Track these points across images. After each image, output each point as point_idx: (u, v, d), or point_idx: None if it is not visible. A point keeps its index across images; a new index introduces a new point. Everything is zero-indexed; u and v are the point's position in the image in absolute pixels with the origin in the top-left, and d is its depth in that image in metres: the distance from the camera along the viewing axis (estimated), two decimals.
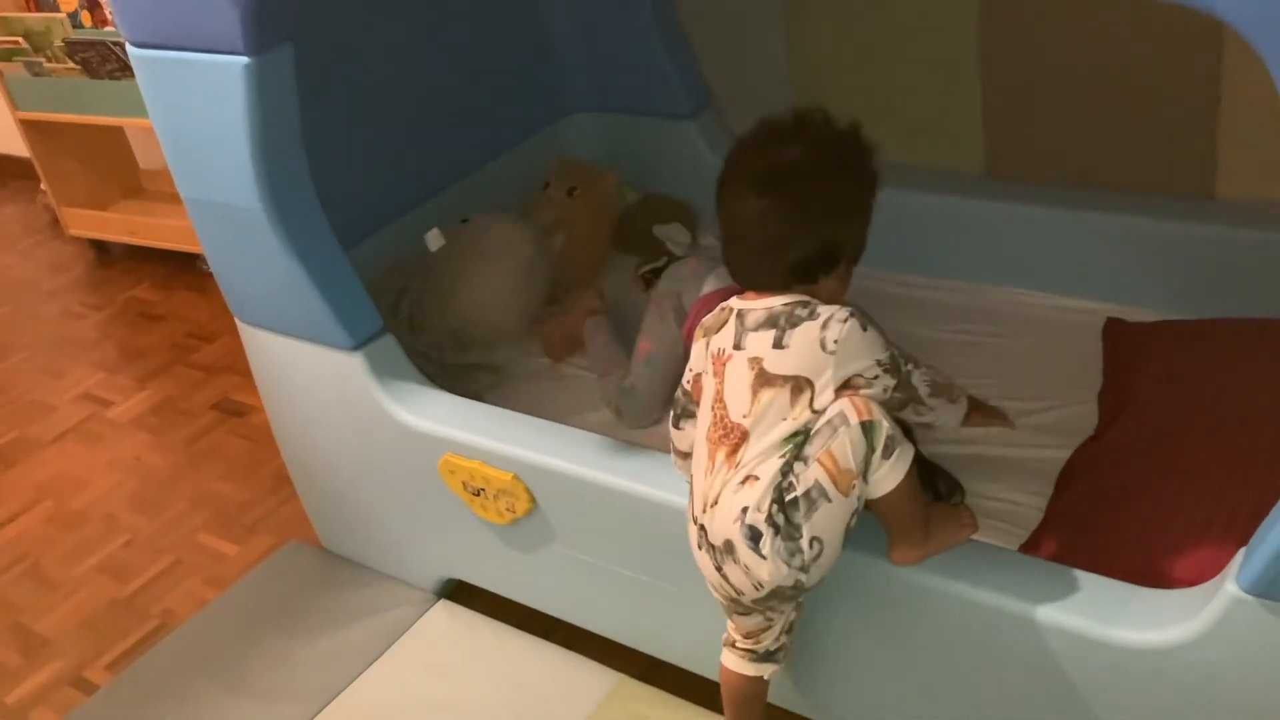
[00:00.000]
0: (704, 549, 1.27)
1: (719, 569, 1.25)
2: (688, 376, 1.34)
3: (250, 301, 1.78)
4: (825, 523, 1.19)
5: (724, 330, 1.26)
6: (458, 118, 2.28)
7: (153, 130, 1.65)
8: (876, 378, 1.22)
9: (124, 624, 2.00)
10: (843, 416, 1.18)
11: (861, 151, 1.25)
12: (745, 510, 1.20)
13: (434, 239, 2.06)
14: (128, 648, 1.95)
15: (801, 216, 1.22)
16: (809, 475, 1.18)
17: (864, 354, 1.20)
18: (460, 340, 2.06)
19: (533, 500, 1.58)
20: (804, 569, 1.20)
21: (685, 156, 2.38)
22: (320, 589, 1.97)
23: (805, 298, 1.23)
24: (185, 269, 3.18)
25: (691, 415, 1.35)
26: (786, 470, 1.19)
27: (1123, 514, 1.47)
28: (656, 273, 2.31)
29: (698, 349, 1.31)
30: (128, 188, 3.43)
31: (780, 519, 1.19)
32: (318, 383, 1.77)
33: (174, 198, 1.71)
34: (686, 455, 1.37)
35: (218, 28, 1.43)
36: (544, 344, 2.12)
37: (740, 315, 1.25)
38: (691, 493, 1.30)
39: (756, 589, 1.23)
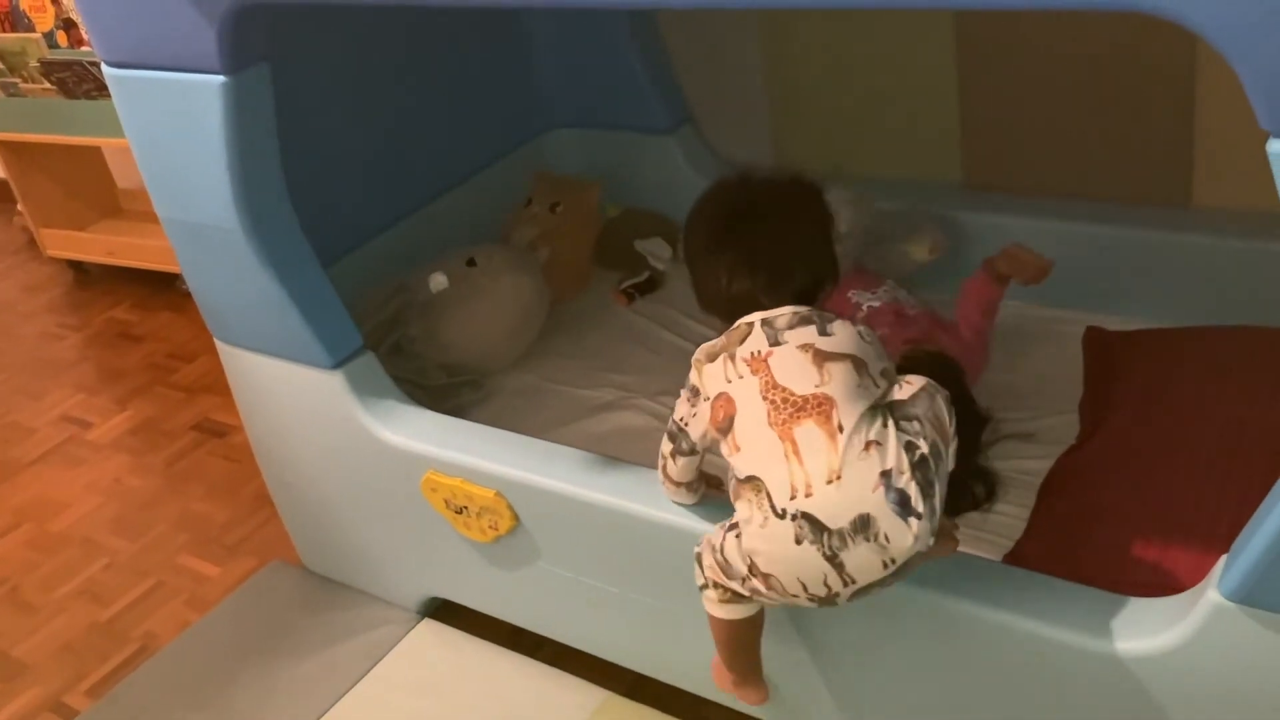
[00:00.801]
0: (808, 542, 1.13)
1: (833, 558, 1.13)
2: (692, 408, 1.27)
3: (229, 321, 1.77)
4: (945, 482, 1.18)
5: (750, 339, 1.22)
6: (438, 134, 2.28)
7: (130, 150, 1.64)
8: (905, 383, 1.23)
9: (104, 648, 1.98)
10: (933, 385, 1.22)
11: (814, 189, 1.35)
12: (887, 475, 1.12)
13: (437, 282, 2.04)
14: (108, 672, 1.93)
15: (794, 247, 1.28)
16: (926, 432, 1.16)
17: (885, 357, 1.24)
18: (449, 370, 2.06)
19: (516, 517, 1.58)
20: (932, 534, 1.15)
21: (665, 171, 2.38)
22: (303, 610, 1.95)
23: (814, 308, 1.26)
24: (164, 289, 3.16)
25: (690, 453, 1.32)
26: (901, 432, 1.15)
27: (1105, 523, 1.47)
28: (639, 287, 2.31)
29: (712, 371, 1.23)
30: (106, 208, 3.41)
31: (920, 478, 1.13)
32: (298, 402, 1.76)
33: (152, 217, 1.71)
34: (681, 484, 1.36)
35: (193, 47, 1.43)
36: None
37: (766, 322, 1.23)
38: (763, 495, 1.16)
39: (885, 567, 1.15)
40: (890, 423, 1.16)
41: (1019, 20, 1.96)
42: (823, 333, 1.20)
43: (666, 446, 1.34)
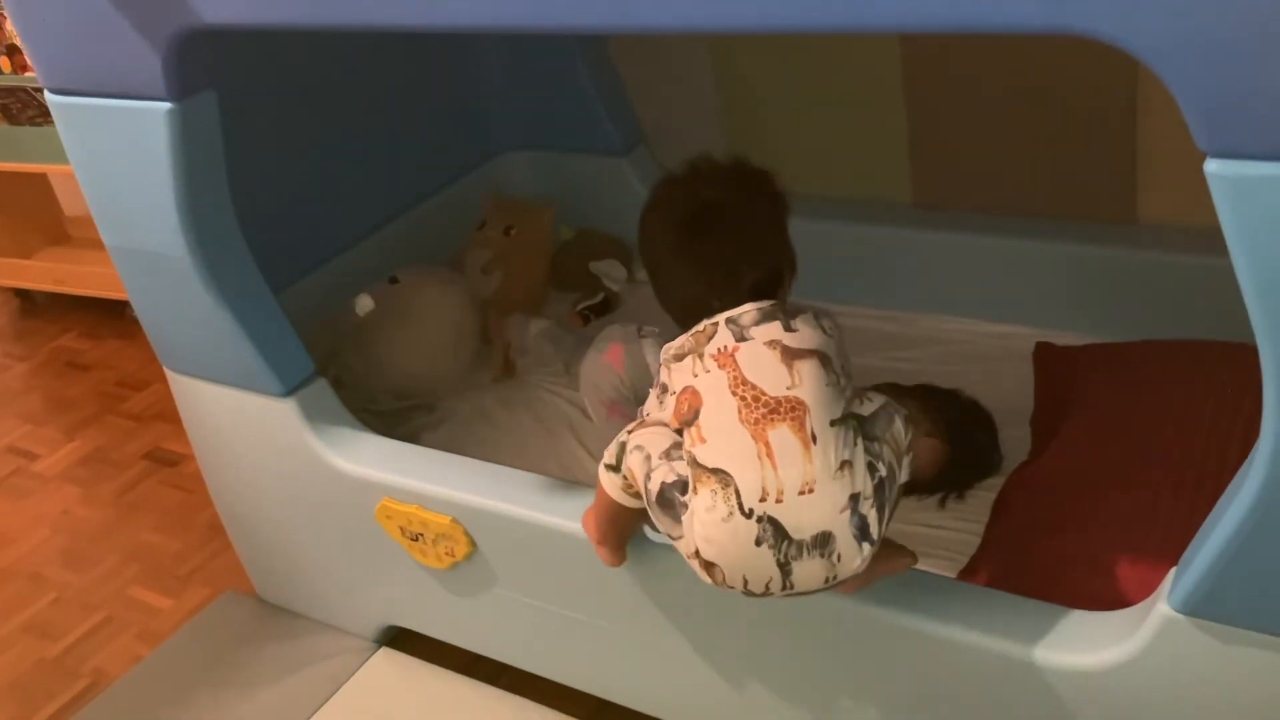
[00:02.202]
0: (766, 545, 1.15)
1: (784, 565, 1.15)
2: (658, 404, 1.28)
3: (179, 349, 1.75)
4: (895, 504, 1.20)
5: (716, 338, 1.22)
6: (389, 158, 2.27)
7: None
8: (868, 399, 1.23)
9: (52, 685, 1.94)
10: (893, 405, 1.23)
11: (765, 175, 1.34)
12: (855, 498, 1.15)
13: (363, 304, 2.02)
14: (56, 710, 1.89)
15: (744, 246, 1.27)
16: (885, 455, 1.18)
17: (846, 353, 1.24)
18: (396, 394, 2.04)
19: (472, 543, 1.57)
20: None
21: (618, 193, 2.38)
22: (257, 640, 1.93)
23: (778, 301, 1.25)
24: (113, 316, 3.11)
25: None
26: (865, 452, 1.17)
27: (1059, 538, 1.49)
28: (594, 309, 2.31)
29: (680, 368, 1.23)
30: (52, 235, 3.36)
31: (878, 503, 1.16)
32: (249, 430, 1.74)
33: (100, 245, 1.68)
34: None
35: (139, 74, 1.42)
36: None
37: (731, 320, 1.22)
38: (731, 490, 1.15)
39: (825, 582, 1.17)
40: (859, 440, 1.17)
41: (965, 42, 1.99)
42: (788, 328, 1.21)
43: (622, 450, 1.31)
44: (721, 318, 1.23)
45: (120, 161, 1.53)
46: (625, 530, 1.39)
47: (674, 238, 1.30)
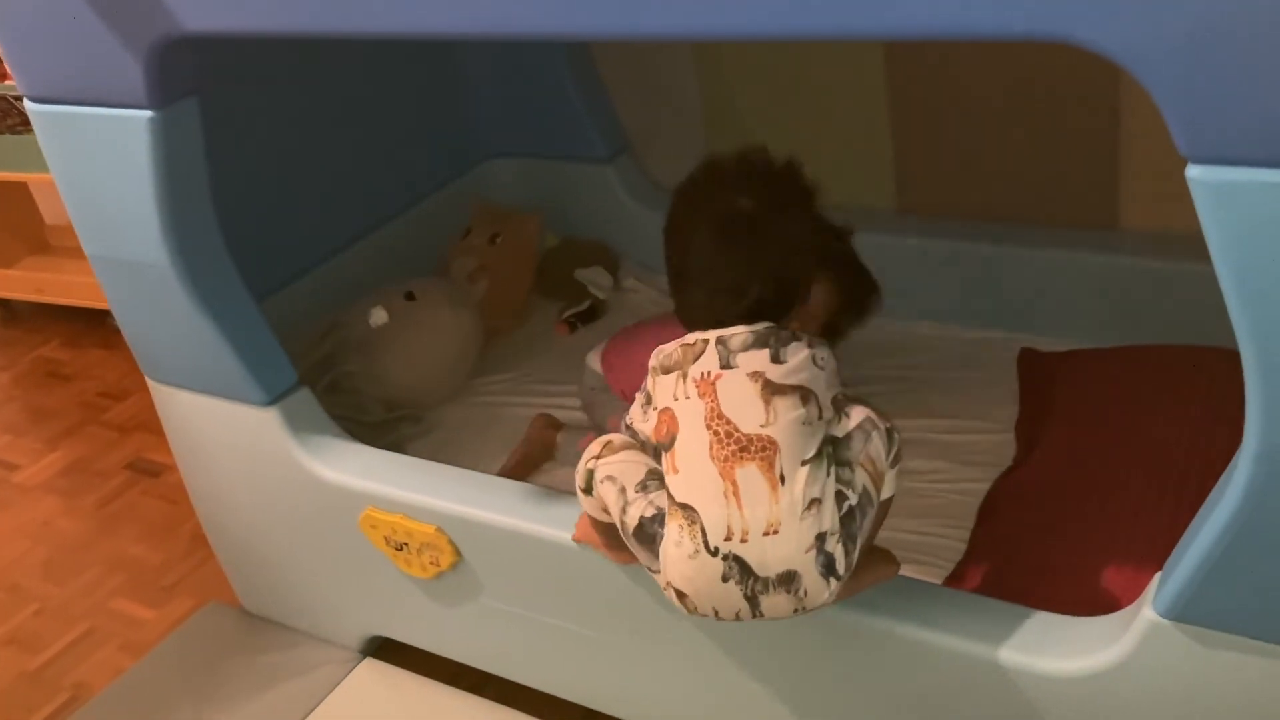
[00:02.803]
0: (733, 582, 1.17)
1: (752, 599, 1.17)
2: (641, 414, 1.27)
3: (161, 359, 1.74)
4: (871, 530, 1.20)
5: (703, 358, 1.21)
6: (374, 166, 2.26)
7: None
8: (845, 416, 1.22)
9: (33, 698, 1.92)
10: (871, 421, 1.20)
11: (806, 194, 1.30)
12: (822, 538, 1.15)
13: (377, 316, 2.02)
14: None
15: (755, 263, 1.23)
16: (857, 481, 1.18)
17: (836, 383, 1.23)
18: (387, 405, 2.04)
19: (457, 553, 1.56)
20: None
21: (603, 200, 2.39)
22: (241, 652, 1.91)
23: (775, 325, 1.23)
24: (95, 326, 3.09)
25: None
26: (836, 481, 1.17)
27: (1044, 544, 1.49)
28: (580, 316, 2.31)
29: (664, 383, 1.23)
30: (33, 244, 3.33)
31: (845, 536, 1.16)
32: (232, 440, 1.73)
33: (82, 254, 1.67)
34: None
35: (120, 82, 1.41)
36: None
37: (721, 341, 1.21)
38: (697, 528, 1.17)
39: (795, 613, 1.18)
40: (831, 472, 1.17)
41: (948, 49, 2.00)
42: (776, 359, 1.19)
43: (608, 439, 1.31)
44: (713, 335, 1.22)
45: (101, 170, 1.52)
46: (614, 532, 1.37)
47: (696, 239, 1.26)
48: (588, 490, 1.28)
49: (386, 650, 1.84)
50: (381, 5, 1.19)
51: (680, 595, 1.20)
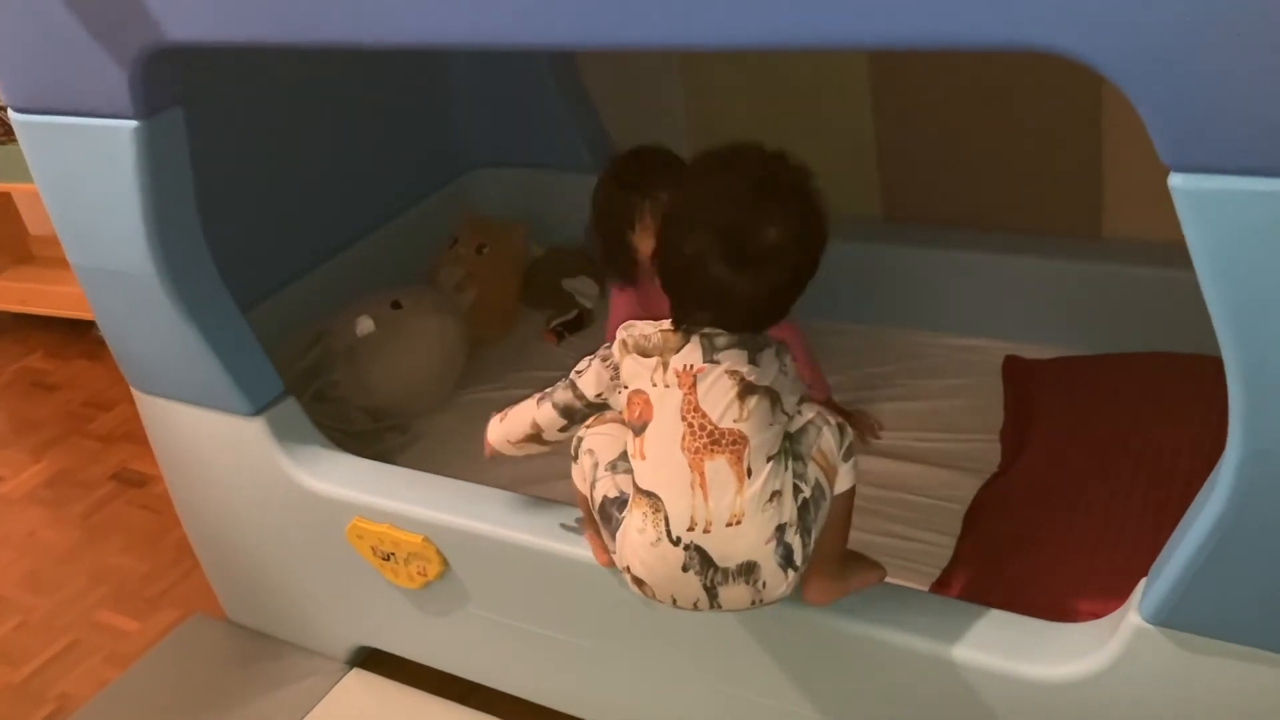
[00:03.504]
0: (693, 571, 1.20)
1: (710, 589, 1.20)
2: (610, 388, 1.28)
3: (146, 369, 1.73)
4: (842, 526, 1.24)
5: (687, 350, 1.21)
6: (359, 175, 2.26)
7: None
8: (798, 413, 1.25)
9: (16, 711, 1.90)
10: (823, 417, 1.25)
11: (824, 230, 1.25)
12: (782, 529, 1.18)
13: (364, 326, 2.02)
14: None
15: (771, 290, 1.21)
16: (810, 474, 1.22)
17: (798, 389, 1.25)
18: (374, 415, 2.03)
19: (444, 562, 1.56)
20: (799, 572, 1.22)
21: (588, 209, 2.38)
22: (227, 663, 1.90)
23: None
24: (80, 336, 3.08)
25: (583, 421, 1.34)
26: (792, 475, 1.20)
27: (1030, 549, 1.50)
28: (567, 326, 2.31)
29: (641, 364, 1.22)
30: (17, 255, 3.32)
31: (802, 528, 1.20)
32: (218, 450, 1.72)
33: (66, 264, 1.67)
34: (531, 440, 1.38)
35: (105, 92, 1.40)
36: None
37: (708, 336, 1.21)
38: (661, 515, 1.19)
39: (753, 604, 1.22)
40: (789, 466, 1.20)
41: (932, 59, 2.01)
42: (752, 361, 1.21)
43: (560, 424, 1.35)
44: (697, 329, 1.23)
45: (86, 180, 1.51)
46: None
47: (711, 259, 1.18)
48: (576, 458, 1.34)
49: (373, 661, 1.83)
50: (367, 16, 1.19)
51: (639, 582, 1.24)
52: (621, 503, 1.25)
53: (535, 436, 1.38)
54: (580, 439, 1.33)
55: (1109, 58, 0.86)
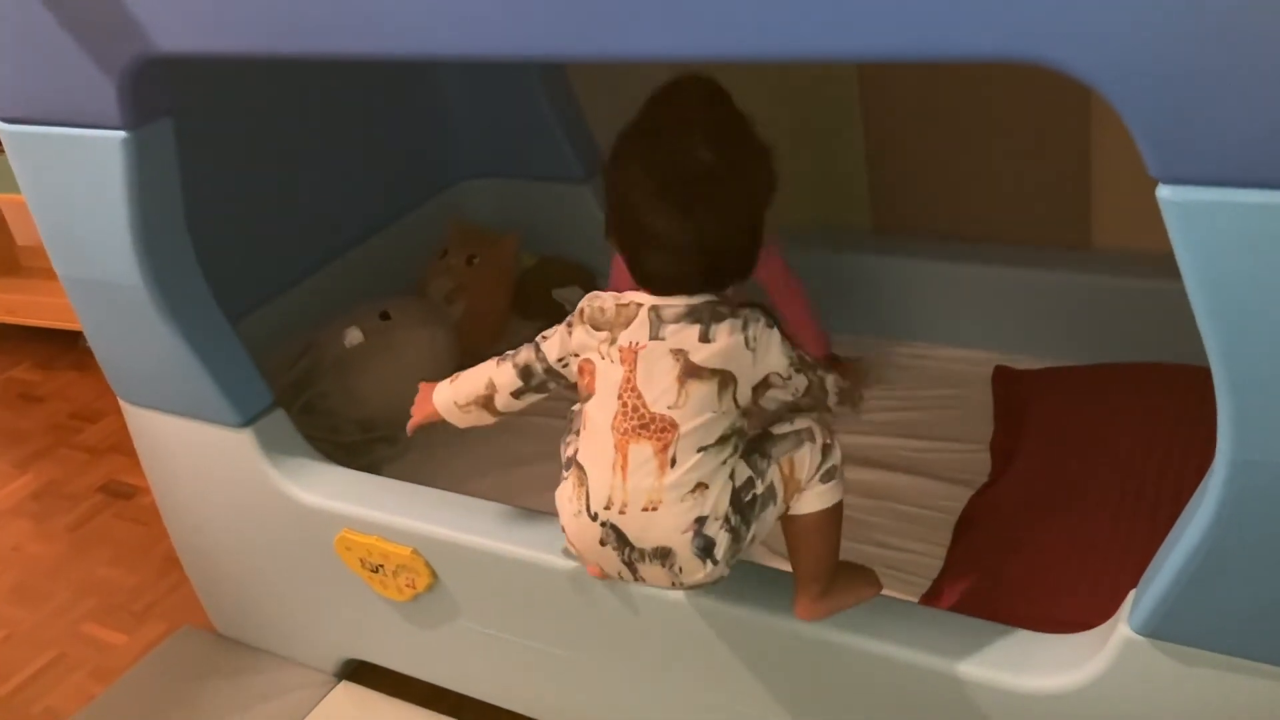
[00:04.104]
0: (610, 547, 1.22)
1: (630, 564, 1.22)
2: (562, 355, 1.28)
3: (134, 381, 1.72)
4: (768, 522, 1.23)
5: (634, 326, 1.20)
6: (348, 185, 2.26)
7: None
8: (790, 379, 1.22)
9: None
10: (810, 432, 1.24)
11: (760, 150, 1.24)
12: (701, 521, 1.17)
13: (352, 337, 2.01)
14: None
15: (719, 226, 1.17)
16: (769, 475, 1.21)
17: (778, 354, 1.20)
18: (363, 426, 2.03)
19: (433, 574, 1.55)
20: (730, 565, 1.22)
21: (580, 220, 2.39)
22: (214, 676, 1.89)
23: (717, 298, 1.21)
24: (68, 348, 3.07)
25: (543, 390, 1.33)
26: (738, 472, 1.20)
27: (1020, 560, 1.50)
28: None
29: (586, 337, 1.23)
30: (4, 266, 3.30)
31: (736, 520, 1.19)
32: (206, 461, 1.72)
33: (53, 275, 1.66)
34: (482, 405, 1.35)
35: (93, 102, 1.40)
36: None
37: (655, 310, 1.19)
38: (584, 489, 1.22)
39: (673, 585, 1.23)
40: (731, 458, 1.19)
41: (922, 69, 2.01)
42: (704, 338, 1.17)
43: (513, 387, 1.33)
44: (649, 302, 1.20)
45: (74, 191, 1.51)
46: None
47: (652, 194, 1.16)
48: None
49: (362, 673, 1.82)
50: (357, 28, 1.19)
51: (572, 545, 1.28)
52: (568, 465, 1.28)
53: (488, 400, 1.35)
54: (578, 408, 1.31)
55: (1095, 70, 0.86)
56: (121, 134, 1.41)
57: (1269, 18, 0.78)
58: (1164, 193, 0.88)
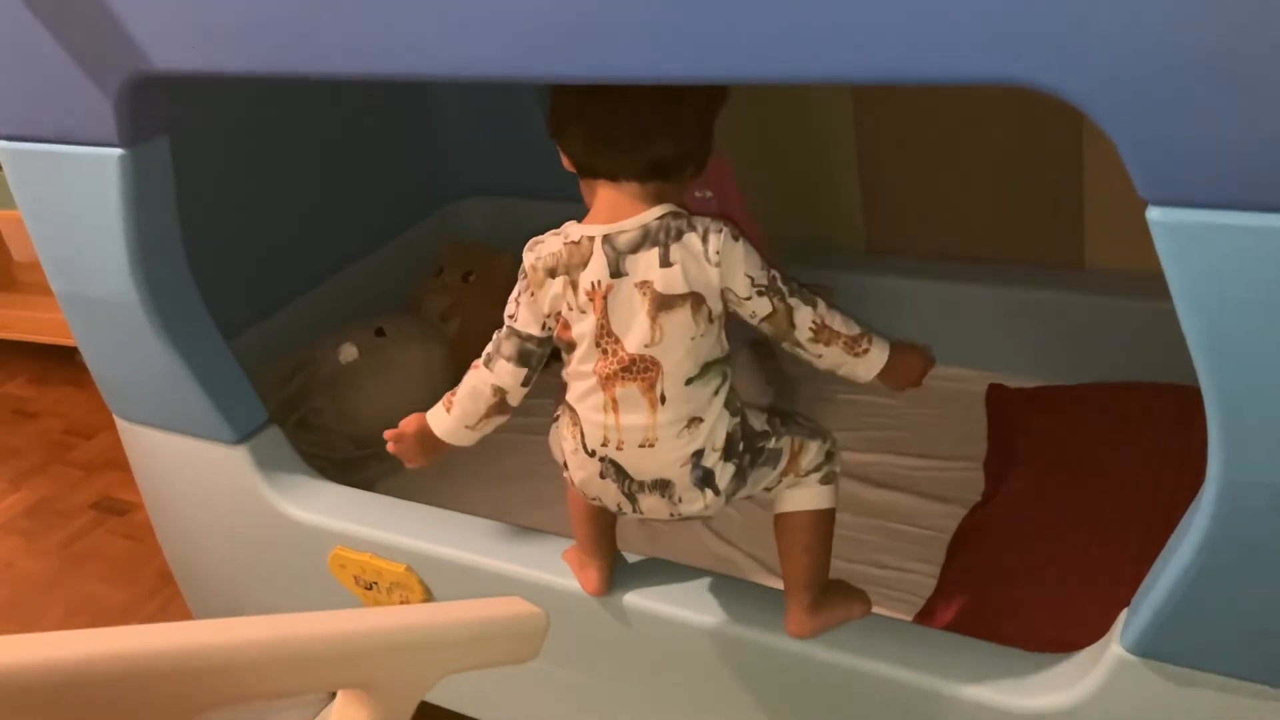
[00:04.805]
0: (610, 479, 1.22)
1: (630, 496, 1.22)
2: (537, 324, 1.25)
3: (129, 397, 1.72)
4: (761, 481, 1.25)
5: (592, 264, 1.16)
6: (345, 203, 2.27)
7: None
8: (748, 299, 1.15)
9: None
10: (821, 431, 1.28)
11: None
12: (699, 454, 1.18)
13: (347, 353, 2.02)
14: None
15: (661, 115, 1.15)
16: (782, 441, 1.24)
17: (738, 267, 1.14)
18: (357, 442, 2.03)
19: (427, 592, 1.55)
20: (729, 499, 1.23)
21: None
22: None
23: (675, 208, 1.16)
24: (63, 363, 3.07)
25: (543, 367, 1.28)
26: (753, 420, 1.21)
27: (1013, 579, 1.50)
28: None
29: (553, 288, 1.20)
30: (1, 281, 3.31)
31: (746, 459, 1.21)
32: (200, 478, 1.72)
33: (49, 291, 1.66)
34: (497, 411, 1.32)
35: (90, 120, 1.40)
36: None
37: (609, 240, 1.15)
38: (578, 429, 1.21)
39: (672, 516, 1.23)
40: (723, 388, 1.18)
41: (915, 90, 2.03)
42: (665, 262, 1.13)
43: (484, 356, 1.30)
44: (599, 234, 1.16)
45: (70, 208, 1.51)
46: (596, 525, 1.37)
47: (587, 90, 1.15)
48: None
49: None
50: (354, 47, 1.19)
51: (574, 481, 1.27)
52: (559, 406, 1.28)
53: (500, 404, 1.29)
54: None
55: (1085, 92, 0.87)
56: (118, 151, 1.41)
57: (1257, 40, 0.79)
58: (1154, 214, 0.88)
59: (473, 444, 1.35)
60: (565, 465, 1.28)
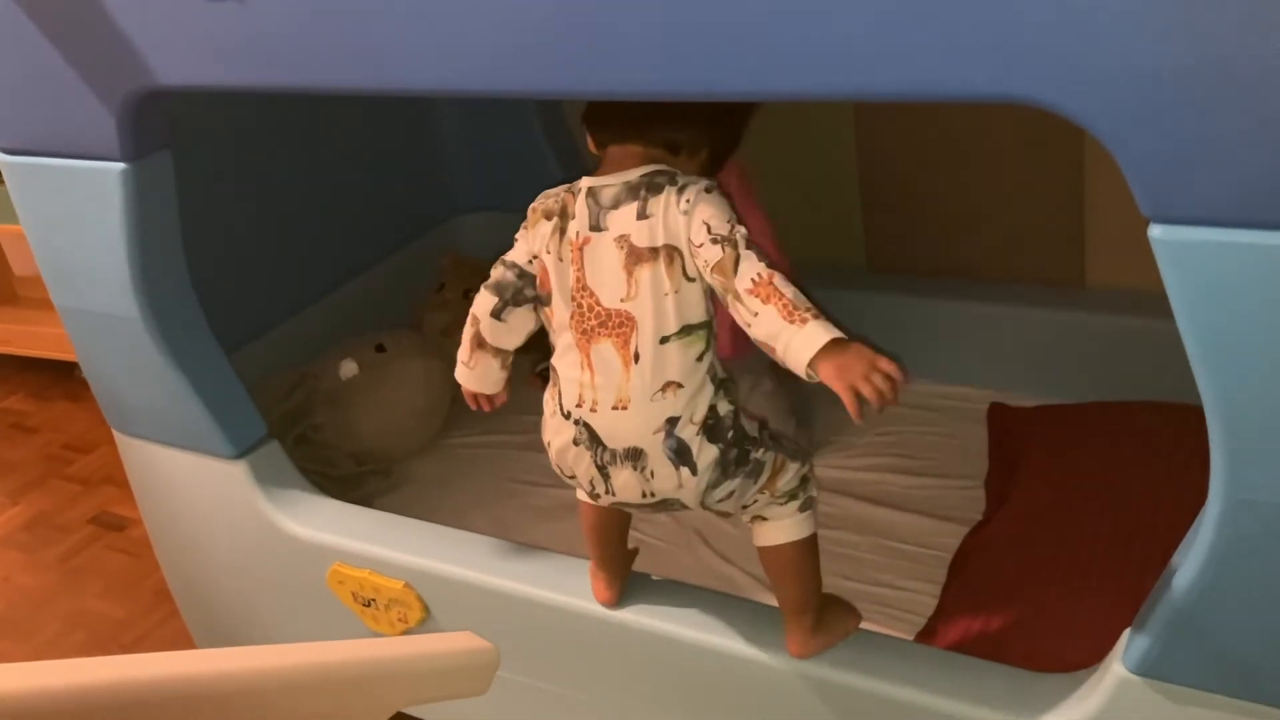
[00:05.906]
0: (583, 446, 1.19)
1: (602, 469, 1.19)
2: (525, 257, 1.25)
3: (129, 412, 1.72)
4: (745, 493, 1.22)
5: (577, 216, 1.17)
6: (345, 218, 2.27)
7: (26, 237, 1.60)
8: (701, 245, 1.11)
9: None
10: (802, 453, 1.26)
11: None
12: (673, 421, 1.14)
13: (347, 369, 2.02)
14: None
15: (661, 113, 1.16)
16: (766, 456, 1.21)
17: (700, 214, 1.12)
18: (357, 458, 2.02)
19: (426, 609, 1.54)
20: (712, 488, 1.19)
21: None
22: None
23: (665, 167, 1.17)
24: (62, 378, 3.07)
25: (524, 302, 1.26)
26: (719, 384, 1.17)
27: (1015, 599, 1.49)
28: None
29: (541, 232, 1.21)
30: (1, 296, 3.31)
31: (732, 456, 1.18)
32: (199, 493, 1.71)
33: (50, 305, 1.67)
34: (478, 346, 1.30)
35: (93, 134, 1.41)
36: None
37: (592, 193, 1.16)
38: (557, 389, 1.21)
39: (644, 496, 1.19)
40: (707, 355, 1.16)
41: (916, 108, 2.03)
42: (642, 215, 1.13)
43: (493, 306, 1.27)
44: (585, 185, 1.18)
45: (72, 222, 1.51)
46: (605, 540, 1.36)
47: None
48: None
49: None
50: (355, 62, 1.20)
51: (557, 465, 1.25)
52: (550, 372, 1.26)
53: (477, 338, 1.29)
54: None
55: (1087, 110, 0.87)
56: (120, 166, 1.42)
57: (1259, 60, 0.79)
58: (1156, 232, 0.88)
59: (485, 390, 1.33)
60: (548, 445, 1.24)
